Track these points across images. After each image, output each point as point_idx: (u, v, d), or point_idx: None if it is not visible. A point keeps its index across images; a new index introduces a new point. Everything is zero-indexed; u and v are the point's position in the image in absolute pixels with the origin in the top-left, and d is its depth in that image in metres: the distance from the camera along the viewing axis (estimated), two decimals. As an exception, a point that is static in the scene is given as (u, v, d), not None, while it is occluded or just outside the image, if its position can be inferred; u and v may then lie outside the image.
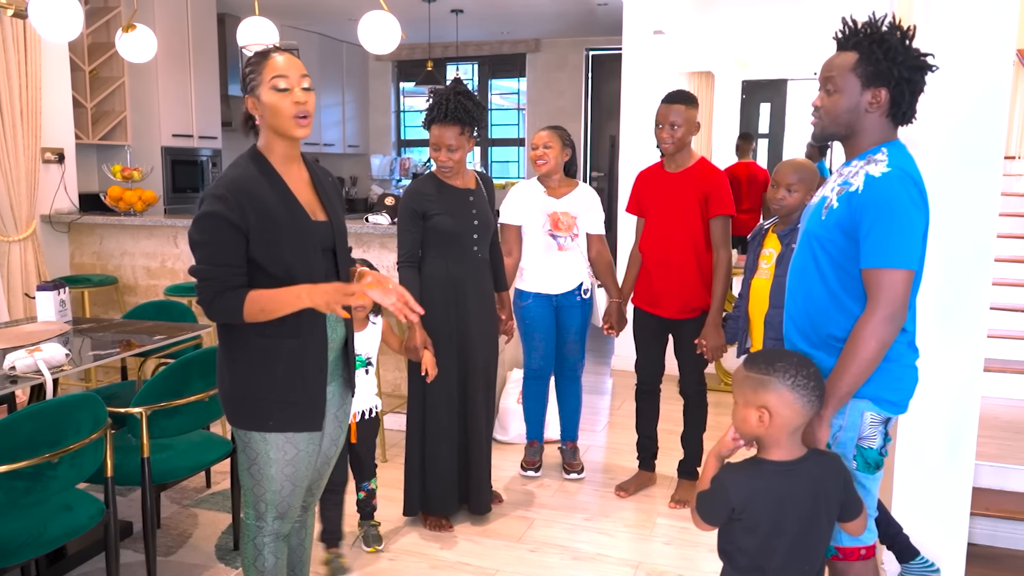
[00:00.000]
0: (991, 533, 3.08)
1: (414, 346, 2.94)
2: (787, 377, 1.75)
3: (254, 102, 1.95)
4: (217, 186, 1.92)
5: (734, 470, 1.83)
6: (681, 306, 3.28)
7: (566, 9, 7.46)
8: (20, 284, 4.52)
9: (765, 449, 1.82)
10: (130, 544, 3.01)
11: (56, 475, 2.16)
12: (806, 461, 1.81)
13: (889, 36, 1.83)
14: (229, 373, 2.00)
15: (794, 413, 1.76)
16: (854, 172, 1.88)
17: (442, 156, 3.00)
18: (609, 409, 4.82)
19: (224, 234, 1.88)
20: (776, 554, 1.78)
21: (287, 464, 2.03)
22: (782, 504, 1.77)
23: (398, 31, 3.70)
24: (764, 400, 1.76)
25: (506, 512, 3.34)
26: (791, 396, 1.75)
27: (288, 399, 1.99)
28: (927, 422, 2.66)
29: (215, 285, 1.88)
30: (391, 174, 9.68)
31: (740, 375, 1.82)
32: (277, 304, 1.89)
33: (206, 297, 1.89)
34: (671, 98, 3.22)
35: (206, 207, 1.89)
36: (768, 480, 1.78)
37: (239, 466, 2.08)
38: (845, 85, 1.87)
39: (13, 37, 4.32)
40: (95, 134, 5.90)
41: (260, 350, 1.96)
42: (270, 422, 1.99)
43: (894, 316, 1.79)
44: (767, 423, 1.76)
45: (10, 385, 2.48)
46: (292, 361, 1.98)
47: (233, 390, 2.00)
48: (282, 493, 2.05)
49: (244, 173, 1.94)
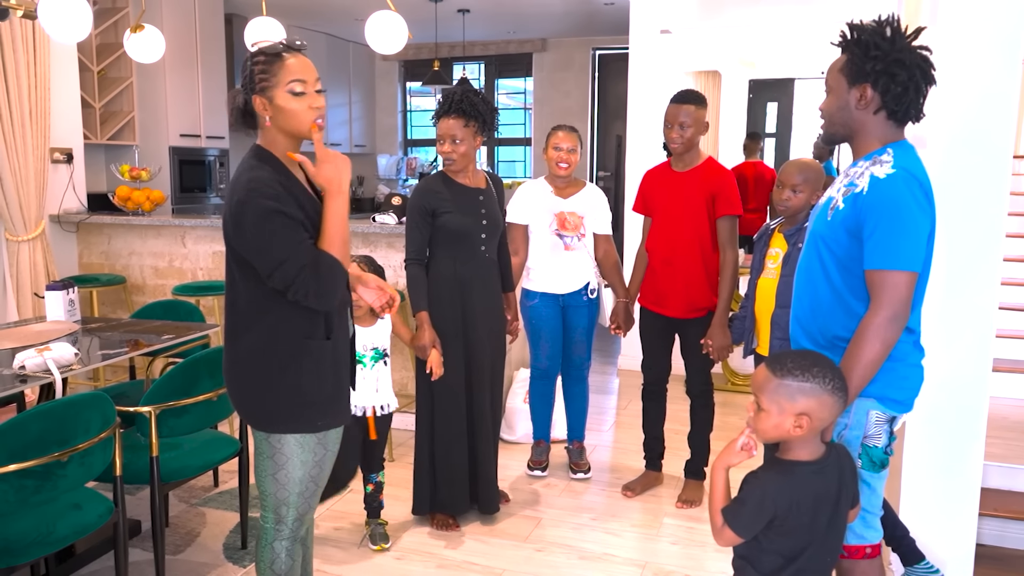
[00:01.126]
0: (999, 534, 3.06)
1: (422, 344, 2.95)
2: (827, 381, 1.73)
3: (264, 103, 1.90)
4: (257, 186, 1.85)
5: (772, 479, 1.78)
6: (687, 306, 3.27)
7: (573, 9, 7.46)
8: (29, 284, 4.54)
9: (792, 450, 1.79)
10: (138, 543, 3.02)
11: (65, 474, 2.17)
12: (830, 456, 1.80)
13: (869, 34, 1.84)
14: (272, 382, 1.95)
15: (831, 415, 1.76)
16: (859, 173, 1.88)
17: (446, 147, 3.01)
18: (616, 409, 4.82)
19: (287, 223, 1.84)
20: (806, 551, 1.78)
21: (315, 465, 2.03)
22: (818, 504, 1.76)
23: (405, 31, 3.71)
24: (804, 407, 1.72)
25: (513, 512, 3.35)
26: (831, 400, 1.73)
27: (335, 396, 2.02)
28: (936, 422, 2.65)
29: (308, 268, 1.83)
30: (398, 174, 9.70)
31: (771, 383, 1.74)
32: (336, 224, 1.88)
33: (308, 286, 1.83)
34: (681, 98, 3.21)
35: (259, 206, 1.82)
36: (805, 482, 1.76)
37: (260, 473, 2.03)
38: (836, 85, 1.92)
39: (22, 37, 4.34)
40: (103, 134, 5.92)
41: (308, 354, 1.95)
42: (319, 422, 1.99)
43: (897, 317, 1.79)
44: (805, 428, 1.73)
45: (20, 384, 2.50)
46: (333, 360, 2.00)
47: (276, 398, 1.95)
48: (305, 495, 2.05)
49: (268, 173, 1.89)
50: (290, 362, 1.94)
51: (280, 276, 1.84)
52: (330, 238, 1.89)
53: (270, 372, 1.95)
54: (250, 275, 1.91)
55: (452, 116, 2.99)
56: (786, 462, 1.79)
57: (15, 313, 4.53)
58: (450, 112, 2.99)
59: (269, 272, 1.85)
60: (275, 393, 1.95)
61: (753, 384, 1.81)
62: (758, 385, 1.78)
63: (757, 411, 1.77)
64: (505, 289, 3.28)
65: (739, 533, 1.78)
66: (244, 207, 1.84)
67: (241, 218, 1.84)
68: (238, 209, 1.85)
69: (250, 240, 1.85)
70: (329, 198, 1.90)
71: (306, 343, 1.95)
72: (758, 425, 1.77)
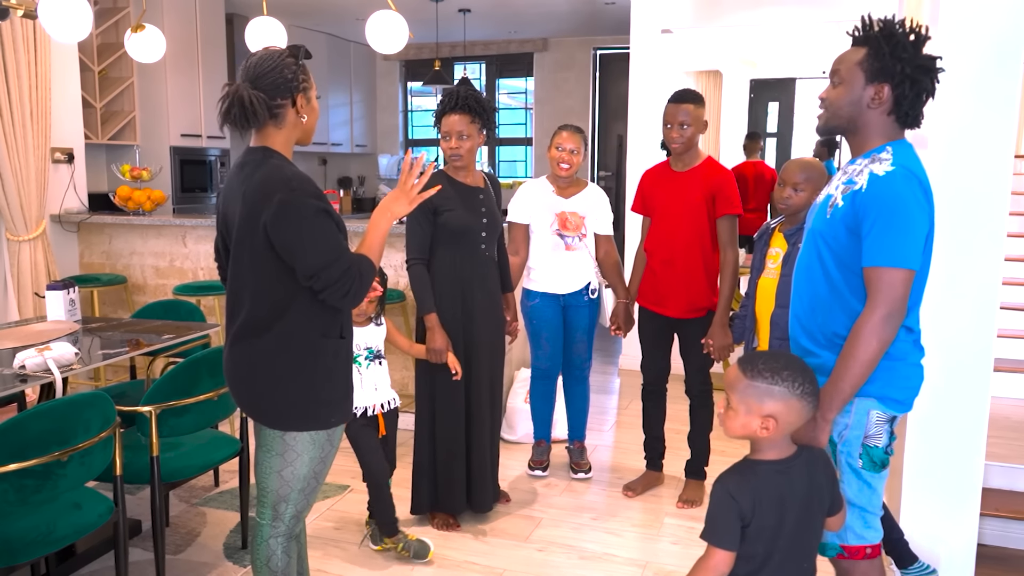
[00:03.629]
0: (1001, 534, 3.06)
1: (437, 348, 2.94)
2: (796, 386, 1.71)
3: (303, 102, 1.97)
4: (301, 184, 1.89)
5: (731, 478, 1.77)
6: (687, 306, 3.27)
7: (574, 8, 7.46)
8: (30, 283, 4.54)
9: (759, 451, 1.78)
10: (139, 542, 3.02)
11: (65, 473, 2.17)
12: (798, 458, 1.79)
13: (900, 34, 1.83)
14: (289, 380, 1.96)
15: (799, 419, 1.75)
16: (859, 171, 1.88)
17: (452, 143, 3.01)
18: (617, 409, 4.81)
19: (332, 225, 1.93)
20: (773, 556, 1.76)
21: (320, 461, 2.06)
22: (783, 503, 1.75)
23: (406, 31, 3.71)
24: (772, 409, 1.71)
25: (513, 511, 3.35)
26: (799, 404, 1.72)
27: (346, 394, 2.08)
28: (937, 422, 2.65)
29: (353, 270, 1.91)
30: (398, 174, 9.69)
31: (741, 383, 1.74)
32: (379, 236, 2.03)
33: (351, 287, 1.91)
34: (679, 97, 3.21)
35: (308, 204, 1.87)
36: (767, 480, 1.75)
37: (264, 470, 2.04)
38: (850, 78, 1.89)
39: (23, 37, 4.34)
40: (104, 134, 5.93)
41: (324, 352, 1.99)
42: (332, 419, 2.04)
43: (893, 315, 1.79)
44: (772, 430, 1.73)
45: (20, 384, 2.50)
46: (346, 358, 2.07)
47: (293, 396, 1.97)
48: (306, 492, 2.07)
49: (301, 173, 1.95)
50: (308, 360, 1.97)
51: (325, 275, 1.88)
52: (370, 245, 2.02)
53: (288, 370, 1.96)
54: (274, 274, 1.92)
55: (459, 112, 3.00)
56: (748, 461, 1.80)
57: (16, 313, 4.53)
58: (457, 108, 3.00)
59: (313, 271, 1.88)
60: (293, 391, 1.97)
61: (725, 381, 1.80)
62: (729, 383, 1.77)
63: (726, 408, 1.78)
64: (504, 289, 3.28)
65: (723, 546, 1.73)
66: (289, 205, 1.86)
67: (286, 215, 1.86)
68: (283, 206, 1.86)
69: (294, 238, 1.87)
70: (381, 215, 2.06)
71: (323, 341, 1.99)
72: (726, 423, 1.78)
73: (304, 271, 1.88)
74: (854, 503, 1.92)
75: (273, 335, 1.95)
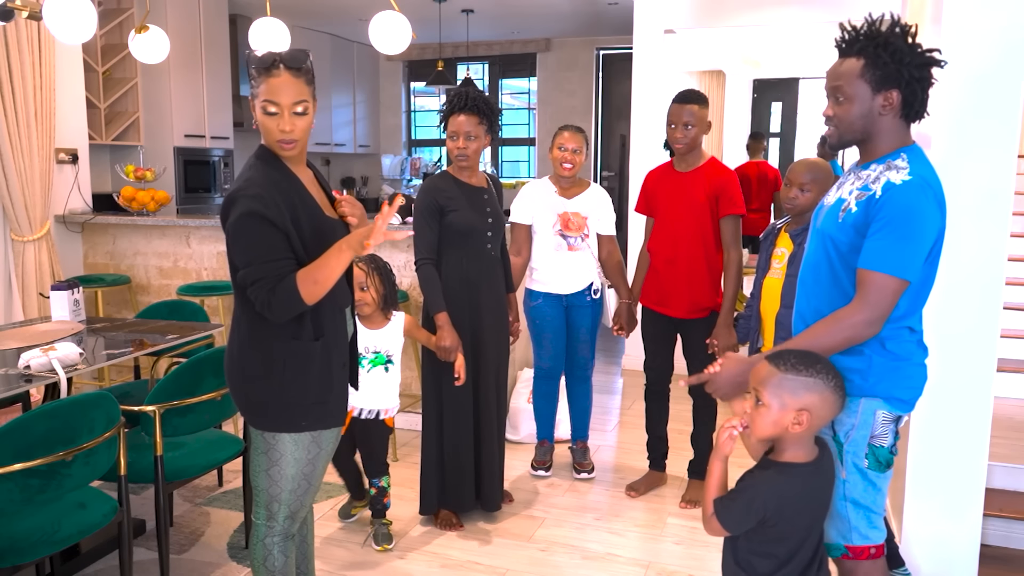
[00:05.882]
0: (1004, 534, 3.05)
1: (446, 346, 2.94)
2: (829, 379, 1.73)
3: (255, 105, 1.96)
4: (247, 186, 1.90)
5: (767, 479, 1.77)
6: (690, 306, 3.27)
7: (576, 9, 7.46)
8: (34, 284, 4.55)
9: (785, 451, 1.78)
10: (143, 542, 3.03)
11: (70, 473, 2.18)
12: (822, 458, 1.80)
13: (893, 37, 1.82)
14: (258, 380, 1.99)
15: (831, 413, 1.76)
16: (874, 177, 1.86)
17: (460, 143, 3.01)
18: (620, 409, 4.81)
19: (266, 230, 1.87)
20: (797, 554, 1.78)
21: (308, 463, 2.05)
22: (812, 506, 1.76)
23: (409, 31, 3.71)
24: (807, 402, 1.72)
25: (516, 511, 3.35)
26: (833, 397, 1.74)
27: (321, 399, 2.02)
28: (940, 423, 2.64)
29: (268, 283, 1.86)
30: (402, 174, 9.70)
31: (775, 377, 1.74)
32: (326, 269, 1.87)
33: (261, 298, 1.86)
34: (683, 98, 3.21)
35: (242, 207, 1.87)
36: (802, 485, 1.76)
37: (254, 468, 2.07)
38: (855, 92, 1.85)
39: (28, 38, 4.36)
40: (108, 135, 5.94)
41: (292, 355, 1.97)
42: (303, 423, 2.01)
43: (875, 321, 1.79)
44: (804, 424, 1.73)
45: (25, 384, 2.51)
46: (323, 361, 2.01)
47: (262, 395, 1.99)
48: (297, 492, 2.07)
49: (264, 174, 1.94)
50: (276, 361, 1.97)
51: (240, 278, 1.91)
52: (313, 273, 1.87)
53: (257, 370, 1.99)
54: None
55: (467, 113, 3.00)
56: (783, 464, 1.79)
57: (20, 313, 4.54)
58: (466, 109, 3.00)
59: (234, 271, 1.93)
60: (263, 392, 1.99)
61: (754, 378, 1.79)
62: (760, 379, 1.77)
63: (756, 406, 1.77)
64: (507, 290, 3.28)
65: (726, 526, 1.79)
66: (230, 204, 1.90)
67: (226, 214, 1.92)
68: (225, 205, 1.92)
69: (229, 236, 1.92)
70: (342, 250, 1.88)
71: (293, 344, 1.97)
72: (757, 420, 1.76)
73: (232, 270, 1.94)
74: (860, 503, 1.91)
75: (246, 334, 1.99)
